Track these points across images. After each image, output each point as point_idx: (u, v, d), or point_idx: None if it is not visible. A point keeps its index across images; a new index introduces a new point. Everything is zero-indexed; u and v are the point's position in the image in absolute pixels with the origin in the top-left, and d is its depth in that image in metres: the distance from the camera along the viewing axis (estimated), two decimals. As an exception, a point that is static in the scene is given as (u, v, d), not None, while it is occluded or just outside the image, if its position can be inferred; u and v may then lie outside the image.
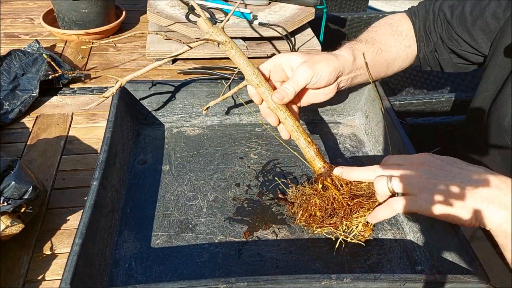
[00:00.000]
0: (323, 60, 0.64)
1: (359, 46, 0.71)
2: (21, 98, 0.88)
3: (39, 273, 0.60)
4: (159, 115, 0.80)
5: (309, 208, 0.59)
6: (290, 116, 0.63)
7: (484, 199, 0.48)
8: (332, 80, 0.66)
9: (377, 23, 0.80)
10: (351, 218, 0.57)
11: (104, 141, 0.64)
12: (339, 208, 0.57)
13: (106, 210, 0.59)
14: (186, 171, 0.72)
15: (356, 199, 0.57)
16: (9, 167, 0.62)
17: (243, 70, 0.64)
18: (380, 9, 3.29)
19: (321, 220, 0.58)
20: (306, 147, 0.62)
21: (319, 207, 0.58)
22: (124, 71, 1.04)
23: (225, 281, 0.47)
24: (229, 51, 0.64)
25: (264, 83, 0.64)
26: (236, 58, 0.64)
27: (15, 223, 0.59)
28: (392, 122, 0.72)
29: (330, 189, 0.59)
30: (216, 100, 0.66)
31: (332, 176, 0.59)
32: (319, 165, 0.61)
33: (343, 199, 0.57)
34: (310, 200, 0.59)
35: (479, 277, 0.49)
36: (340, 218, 0.57)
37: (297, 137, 0.63)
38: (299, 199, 0.61)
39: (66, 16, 1.12)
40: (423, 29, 0.78)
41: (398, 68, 0.79)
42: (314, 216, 0.59)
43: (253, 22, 1.07)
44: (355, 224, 0.58)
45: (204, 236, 0.61)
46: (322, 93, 0.68)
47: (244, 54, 0.65)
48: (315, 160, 0.62)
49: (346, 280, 0.48)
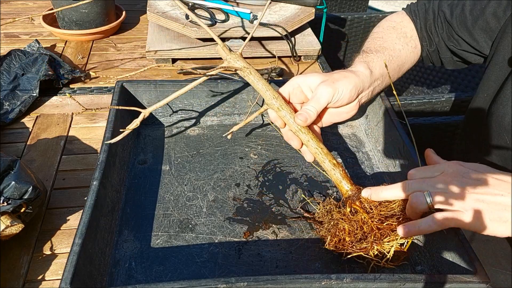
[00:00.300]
0: (342, 78, 0.63)
1: (371, 58, 0.70)
2: (21, 98, 0.88)
3: (39, 273, 0.60)
4: (159, 115, 0.80)
5: (338, 233, 0.57)
6: (313, 138, 0.62)
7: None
8: (354, 97, 0.64)
9: (380, 28, 0.79)
10: (382, 242, 0.55)
11: (104, 141, 0.64)
12: (369, 232, 0.55)
13: (106, 210, 0.59)
14: (186, 171, 0.72)
15: (387, 221, 0.55)
16: (9, 167, 0.62)
17: (263, 94, 0.63)
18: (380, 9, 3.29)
19: (351, 246, 0.56)
20: (332, 169, 0.60)
21: (348, 232, 0.56)
22: (124, 71, 1.04)
23: (225, 281, 0.47)
24: (247, 76, 0.64)
25: (285, 106, 0.63)
26: (255, 83, 0.63)
27: (15, 223, 0.59)
28: (392, 122, 0.72)
29: (359, 213, 0.57)
30: (239, 125, 0.64)
31: (361, 199, 0.58)
32: (346, 188, 0.60)
33: (373, 223, 0.55)
34: (338, 225, 0.57)
35: (479, 277, 0.49)
36: (370, 243, 0.55)
37: (322, 160, 0.61)
38: (327, 223, 0.59)
39: (66, 16, 1.12)
40: (424, 29, 0.78)
41: (407, 69, 0.79)
42: (343, 241, 0.57)
43: (253, 22, 1.07)
44: (387, 249, 0.55)
45: (204, 236, 0.61)
46: (344, 112, 0.67)
47: (263, 78, 0.64)
48: (342, 182, 0.60)
49: (346, 280, 0.48)
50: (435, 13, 0.77)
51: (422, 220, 0.52)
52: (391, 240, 0.54)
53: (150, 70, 1.04)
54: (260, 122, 0.83)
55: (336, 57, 1.67)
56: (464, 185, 0.51)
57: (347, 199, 0.59)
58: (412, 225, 0.52)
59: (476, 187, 0.50)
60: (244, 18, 1.08)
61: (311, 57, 1.13)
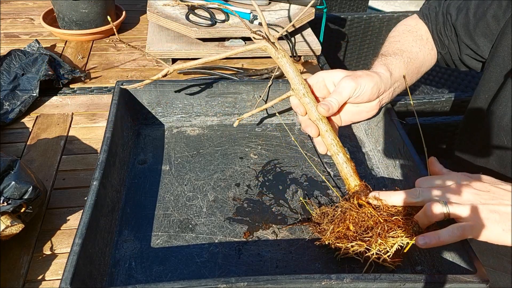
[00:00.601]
0: (365, 75, 0.65)
1: (390, 60, 0.71)
2: (21, 98, 0.88)
3: (39, 273, 0.60)
4: (159, 115, 0.80)
5: (342, 222, 0.56)
6: (331, 130, 0.63)
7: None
8: (374, 96, 0.66)
9: (396, 32, 0.80)
10: (386, 237, 0.54)
11: (104, 141, 0.64)
12: (375, 224, 0.55)
13: (106, 210, 0.59)
14: (186, 171, 0.72)
15: (394, 216, 0.55)
16: (9, 167, 0.62)
17: (292, 78, 0.65)
18: (380, 9, 3.29)
19: (354, 236, 0.55)
20: (344, 162, 0.61)
21: (354, 221, 0.56)
22: (124, 71, 1.04)
23: (225, 281, 0.47)
24: (281, 59, 0.65)
25: (310, 94, 0.64)
26: (286, 66, 0.65)
27: (15, 223, 0.59)
28: (392, 122, 0.72)
29: (365, 207, 0.57)
30: (252, 111, 0.67)
31: (369, 198, 0.58)
32: (354, 183, 0.60)
33: (380, 216, 0.55)
34: (346, 213, 0.57)
35: (479, 277, 0.49)
36: (376, 234, 0.54)
37: (336, 152, 0.62)
38: (327, 217, 0.59)
39: (66, 16, 1.12)
40: (436, 32, 0.78)
41: (425, 71, 0.80)
42: (347, 230, 0.56)
43: (253, 22, 1.07)
44: (390, 245, 0.54)
45: (204, 236, 0.61)
46: (364, 111, 0.68)
47: (295, 65, 0.66)
48: (351, 177, 0.60)
49: (346, 280, 0.48)
50: (444, 16, 0.77)
51: (442, 230, 0.51)
52: (396, 235, 0.54)
53: (150, 70, 1.04)
54: (260, 122, 0.83)
55: (336, 57, 1.67)
56: (477, 196, 0.52)
57: (354, 194, 0.59)
58: (432, 236, 0.51)
59: (488, 198, 0.52)
60: (244, 18, 1.08)
61: (311, 57, 1.13)
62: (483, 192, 0.52)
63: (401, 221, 0.55)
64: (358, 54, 1.68)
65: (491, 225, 0.50)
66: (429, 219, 0.53)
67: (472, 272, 0.50)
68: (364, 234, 0.55)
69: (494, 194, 0.52)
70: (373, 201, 0.58)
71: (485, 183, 0.54)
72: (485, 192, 0.52)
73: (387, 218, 0.55)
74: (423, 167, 0.63)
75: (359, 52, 1.68)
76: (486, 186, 0.53)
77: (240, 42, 1.08)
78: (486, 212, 0.50)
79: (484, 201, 0.51)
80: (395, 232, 0.54)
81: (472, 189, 0.53)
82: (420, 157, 0.65)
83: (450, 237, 0.51)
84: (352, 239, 0.55)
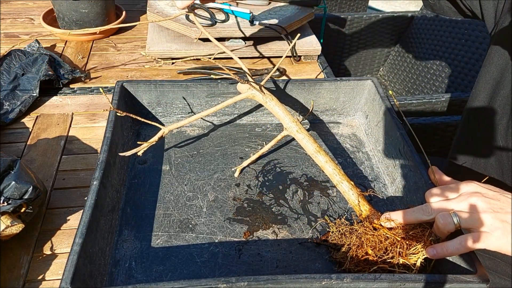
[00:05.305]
0: None
1: None
2: (21, 98, 0.88)
3: (39, 273, 0.60)
4: (159, 115, 0.80)
5: (361, 247, 0.55)
6: (330, 161, 0.63)
7: None
8: None
9: None
10: (407, 255, 0.53)
11: (104, 141, 0.64)
12: (392, 244, 0.54)
13: (106, 210, 0.59)
14: (186, 171, 0.72)
15: (412, 231, 0.54)
16: (9, 167, 0.62)
17: (283, 118, 0.68)
18: (380, 9, 3.29)
19: (375, 259, 0.54)
20: (350, 190, 0.61)
21: (371, 244, 0.55)
22: (124, 71, 1.04)
23: (225, 281, 0.47)
24: (270, 102, 0.69)
25: (303, 130, 0.67)
26: (276, 108, 0.68)
27: (15, 223, 0.59)
28: (392, 122, 0.72)
29: (380, 230, 0.56)
30: (252, 158, 0.73)
31: (381, 221, 0.57)
32: (363, 208, 0.59)
33: (396, 236, 0.54)
34: (361, 238, 0.56)
35: (479, 277, 0.49)
36: (396, 254, 0.53)
37: (339, 181, 0.62)
38: (348, 239, 0.57)
39: (66, 16, 1.12)
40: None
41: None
42: (366, 256, 0.55)
43: (253, 22, 1.07)
44: (413, 261, 0.53)
45: (204, 236, 0.61)
46: None
47: (283, 105, 0.69)
48: (359, 204, 0.60)
49: (346, 280, 0.48)
50: None
51: (449, 242, 0.51)
52: (417, 252, 0.53)
53: (150, 70, 1.04)
54: (260, 122, 0.83)
55: (336, 57, 1.68)
56: (487, 206, 0.51)
57: (366, 218, 0.58)
58: (440, 247, 0.51)
59: (497, 207, 0.51)
60: (244, 18, 1.08)
61: (311, 57, 1.13)
62: (494, 201, 0.52)
63: (419, 235, 0.54)
64: (358, 54, 1.69)
65: (502, 235, 0.49)
66: (442, 231, 0.52)
67: (472, 272, 0.50)
68: (384, 257, 0.54)
69: (503, 203, 0.51)
70: (386, 222, 0.56)
71: (493, 192, 0.53)
72: (495, 201, 0.52)
73: (403, 236, 0.54)
74: (423, 167, 0.63)
75: (359, 52, 1.68)
76: (495, 195, 0.52)
77: (240, 42, 1.08)
78: (497, 221, 0.50)
79: (495, 211, 0.51)
80: (415, 248, 0.54)
81: (482, 198, 0.52)
82: (420, 157, 0.65)
83: (457, 249, 0.50)
84: (372, 263, 0.54)
